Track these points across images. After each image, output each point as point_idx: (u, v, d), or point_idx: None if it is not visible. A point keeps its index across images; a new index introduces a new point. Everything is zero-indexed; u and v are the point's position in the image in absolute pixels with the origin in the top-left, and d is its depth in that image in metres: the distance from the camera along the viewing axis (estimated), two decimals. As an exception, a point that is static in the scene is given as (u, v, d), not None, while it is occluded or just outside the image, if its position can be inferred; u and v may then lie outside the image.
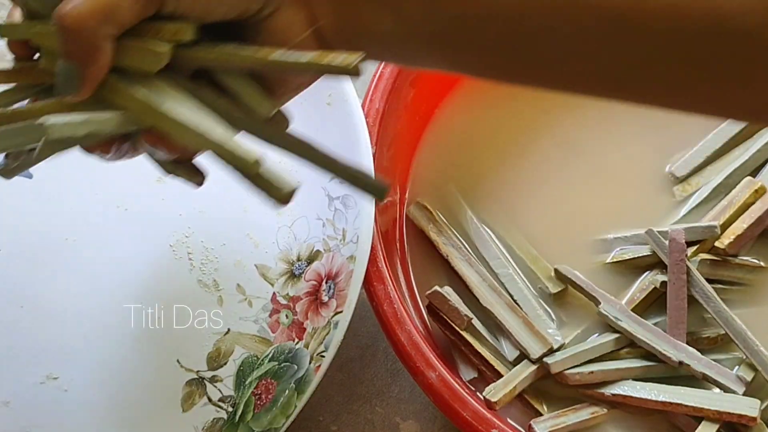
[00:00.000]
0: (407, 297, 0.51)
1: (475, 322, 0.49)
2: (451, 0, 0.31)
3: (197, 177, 0.38)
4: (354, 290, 0.45)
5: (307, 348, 0.47)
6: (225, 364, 0.49)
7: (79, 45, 0.32)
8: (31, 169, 0.52)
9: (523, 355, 0.48)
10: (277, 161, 0.34)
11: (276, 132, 0.36)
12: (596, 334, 0.50)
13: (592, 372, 0.47)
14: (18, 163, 0.37)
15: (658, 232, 0.50)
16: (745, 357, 0.47)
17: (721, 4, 0.27)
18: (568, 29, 0.29)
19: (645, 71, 0.30)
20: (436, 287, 0.50)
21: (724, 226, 0.50)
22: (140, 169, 0.41)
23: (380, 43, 0.34)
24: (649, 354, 0.48)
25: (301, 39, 0.34)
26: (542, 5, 0.29)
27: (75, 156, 0.52)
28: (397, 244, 0.54)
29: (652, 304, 0.50)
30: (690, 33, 0.28)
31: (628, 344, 0.49)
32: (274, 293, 0.49)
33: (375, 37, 0.33)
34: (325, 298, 0.47)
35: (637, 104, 0.32)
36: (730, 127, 0.54)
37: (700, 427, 0.46)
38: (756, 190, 0.51)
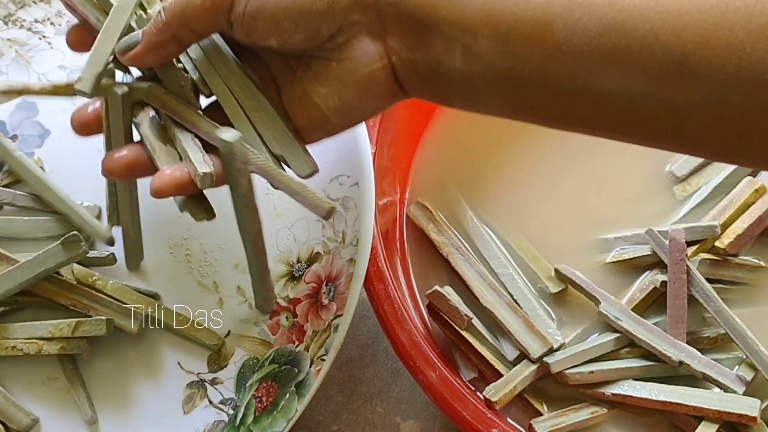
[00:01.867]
0: (407, 297, 0.51)
1: (475, 321, 0.49)
2: (523, 39, 0.31)
3: (209, 213, 0.40)
4: (354, 293, 0.45)
5: (308, 351, 0.47)
6: (225, 366, 0.49)
7: (157, 32, 0.36)
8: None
9: (523, 355, 0.48)
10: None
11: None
12: (596, 334, 0.50)
13: (592, 372, 0.47)
14: None
15: (658, 231, 0.50)
16: (745, 357, 0.47)
17: None
18: (635, 69, 0.29)
19: (704, 114, 0.29)
20: (436, 287, 0.49)
21: (725, 226, 0.50)
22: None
23: (448, 81, 0.34)
24: (649, 354, 0.48)
25: (372, 70, 0.35)
26: (614, 45, 0.29)
27: (74, 158, 0.53)
28: (397, 244, 0.54)
29: (652, 303, 0.50)
30: (756, 76, 0.27)
31: (628, 344, 0.49)
32: (274, 295, 0.49)
33: (444, 74, 0.34)
34: (325, 301, 0.47)
35: (689, 151, 0.31)
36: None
37: (700, 427, 0.46)
38: (756, 190, 0.51)
